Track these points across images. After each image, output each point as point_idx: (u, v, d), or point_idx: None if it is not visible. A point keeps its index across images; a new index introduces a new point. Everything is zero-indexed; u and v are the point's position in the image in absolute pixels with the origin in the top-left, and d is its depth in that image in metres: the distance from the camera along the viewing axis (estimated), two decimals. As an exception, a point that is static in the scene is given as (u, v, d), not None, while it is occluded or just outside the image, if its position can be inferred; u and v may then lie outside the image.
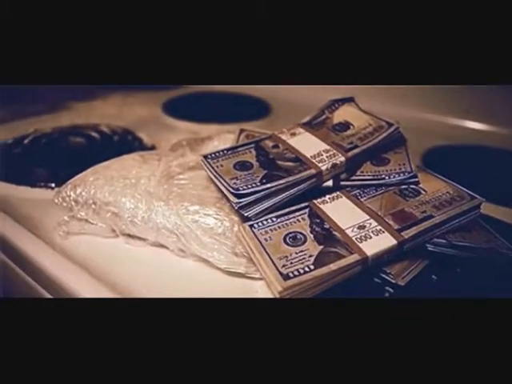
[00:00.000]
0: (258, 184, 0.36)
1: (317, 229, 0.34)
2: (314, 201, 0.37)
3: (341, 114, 0.43)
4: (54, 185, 0.49)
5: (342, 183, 0.39)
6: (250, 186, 0.36)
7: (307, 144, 0.40)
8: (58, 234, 0.41)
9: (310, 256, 0.32)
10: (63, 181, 0.44)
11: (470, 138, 0.64)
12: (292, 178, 0.36)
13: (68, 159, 0.54)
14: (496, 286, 0.34)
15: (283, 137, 0.42)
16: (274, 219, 0.36)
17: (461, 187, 0.37)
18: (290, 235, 0.34)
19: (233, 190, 0.35)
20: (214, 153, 0.40)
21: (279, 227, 0.35)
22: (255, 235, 0.34)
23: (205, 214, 0.38)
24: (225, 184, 0.36)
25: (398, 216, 0.35)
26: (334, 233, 0.34)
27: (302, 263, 0.31)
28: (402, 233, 0.33)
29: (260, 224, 0.35)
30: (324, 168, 0.38)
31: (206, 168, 0.39)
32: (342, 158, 0.38)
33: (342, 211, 0.36)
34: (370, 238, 0.33)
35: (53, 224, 0.42)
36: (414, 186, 0.37)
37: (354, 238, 0.33)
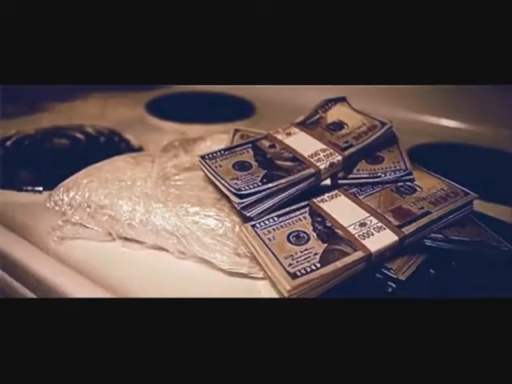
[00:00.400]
0: (260, 184, 0.36)
1: (319, 227, 0.35)
2: (314, 199, 0.38)
3: (334, 114, 0.44)
4: (41, 188, 0.47)
5: (340, 182, 0.39)
6: (251, 186, 0.36)
7: (304, 143, 0.41)
8: (52, 239, 0.40)
9: (315, 254, 0.32)
10: (51, 184, 0.42)
11: (458, 137, 0.66)
12: (292, 177, 0.37)
13: (53, 161, 0.53)
14: (490, 279, 0.35)
15: (279, 136, 0.42)
16: (276, 219, 0.36)
17: (454, 183, 0.38)
18: (293, 234, 0.34)
19: (235, 191, 0.35)
20: (211, 153, 0.40)
21: (281, 226, 0.35)
22: (258, 235, 0.35)
23: (205, 215, 0.37)
24: (226, 185, 0.36)
25: (397, 213, 0.36)
26: (337, 231, 0.34)
27: (308, 261, 0.32)
28: (403, 229, 0.34)
29: (262, 224, 0.35)
30: (322, 167, 0.38)
31: (204, 169, 0.39)
32: (339, 157, 0.39)
33: (341, 209, 0.37)
34: (372, 234, 0.34)
35: (46, 229, 0.41)
36: (409, 183, 0.38)
37: (356, 235, 0.34)
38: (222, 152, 0.40)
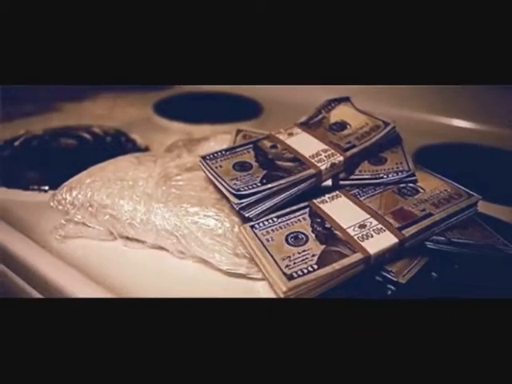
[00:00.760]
0: (259, 184, 0.36)
1: (318, 228, 0.34)
2: (314, 200, 0.37)
3: (337, 114, 0.44)
4: (47, 187, 0.48)
5: (341, 183, 0.39)
6: (250, 187, 0.36)
7: (305, 144, 0.40)
8: (55, 237, 0.40)
9: (313, 256, 0.32)
10: (57, 183, 0.43)
11: (463, 137, 0.65)
12: (292, 177, 0.37)
13: (60, 161, 0.53)
14: (493, 282, 0.35)
15: (281, 137, 0.42)
16: (275, 219, 0.36)
17: (457, 185, 0.38)
18: (292, 235, 0.34)
19: (233, 191, 0.35)
20: (212, 153, 0.40)
21: (280, 227, 0.35)
22: (256, 236, 0.34)
23: (205, 216, 0.37)
24: (225, 185, 0.36)
25: (397, 214, 0.35)
26: (336, 232, 0.34)
27: (306, 263, 0.31)
28: (403, 231, 0.33)
29: (261, 224, 0.35)
30: (323, 168, 0.38)
31: (204, 169, 0.39)
32: (341, 158, 0.38)
33: (341, 210, 0.36)
34: (372, 236, 0.33)
35: (49, 228, 0.41)
36: (412, 185, 0.38)
37: (355, 237, 0.33)
38: (223, 152, 0.40)
